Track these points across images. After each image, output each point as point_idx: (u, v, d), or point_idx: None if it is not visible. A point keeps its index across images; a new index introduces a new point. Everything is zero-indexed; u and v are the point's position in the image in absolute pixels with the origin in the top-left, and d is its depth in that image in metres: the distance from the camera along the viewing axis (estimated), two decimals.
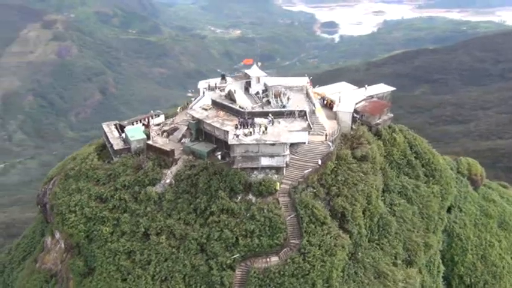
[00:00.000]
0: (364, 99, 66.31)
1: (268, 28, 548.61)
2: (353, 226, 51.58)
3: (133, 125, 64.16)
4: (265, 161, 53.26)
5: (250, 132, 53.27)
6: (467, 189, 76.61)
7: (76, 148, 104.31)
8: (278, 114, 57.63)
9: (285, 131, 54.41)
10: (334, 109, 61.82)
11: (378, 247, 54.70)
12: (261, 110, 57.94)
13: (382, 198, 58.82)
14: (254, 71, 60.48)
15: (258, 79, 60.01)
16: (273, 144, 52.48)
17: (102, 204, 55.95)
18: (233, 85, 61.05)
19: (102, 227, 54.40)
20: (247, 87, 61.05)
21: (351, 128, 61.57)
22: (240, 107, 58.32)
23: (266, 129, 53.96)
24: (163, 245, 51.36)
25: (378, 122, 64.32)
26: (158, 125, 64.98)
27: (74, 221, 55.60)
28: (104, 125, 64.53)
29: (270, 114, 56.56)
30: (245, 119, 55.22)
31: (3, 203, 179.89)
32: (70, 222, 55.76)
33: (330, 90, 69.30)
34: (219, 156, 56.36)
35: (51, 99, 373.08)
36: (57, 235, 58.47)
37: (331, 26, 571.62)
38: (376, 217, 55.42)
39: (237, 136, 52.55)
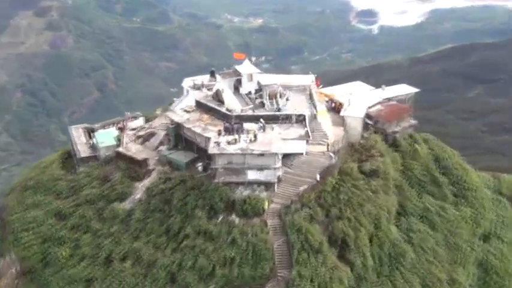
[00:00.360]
0: (379, 103, 64.35)
1: (295, 17, 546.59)
2: (356, 256, 49.64)
3: (104, 128, 63.50)
4: (252, 175, 51.92)
5: (235, 140, 51.94)
6: (508, 213, 73.59)
7: None
8: (272, 119, 56.40)
9: (278, 139, 53.01)
10: (342, 113, 60.04)
11: (388, 282, 52.41)
12: (251, 113, 56.48)
13: (397, 222, 56.57)
14: (245, 67, 59.29)
15: (251, 77, 58.76)
16: (261, 155, 51.14)
17: (61, 222, 55.47)
18: (221, 83, 59.78)
19: (59, 250, 53.67)
20: (237, 87, 59.73)
21: (362, 136, 59.63)
22: (227, 109, 57.12)
23: (256, 136, 52.52)
24: (128, 273, 50.31)
25: (396, 130, 62.36)
26: (134, 129, 64.14)
27: (27, 241, 55.16)
28: (72, 129, 64.19)
29: (261, 119, 55.18)
30: (231, 124, 53.94)
31: None
32: (23, 242, 55.33)
33: (340, 91, 67.67)
34: (200, 168, 55.20)
35: (43, 97, 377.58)
36: (9, 258, 57.85)
37: (369, 14, 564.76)
38: (386, 245, 53.19)
39: (218, 144, 51.23)
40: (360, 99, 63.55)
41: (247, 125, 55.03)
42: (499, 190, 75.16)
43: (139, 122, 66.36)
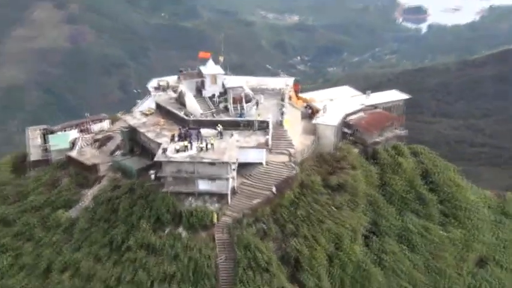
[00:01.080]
0: (362, 110, 64.60)
1: (334, 14, 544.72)
2: (309, 277, 49.97)
3: (65, 131, 65.44)
4: (203, 185, 52.86)
5: (186, 147, 52.99)
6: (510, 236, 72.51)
7: None
8: (232, 125, 57.36)
9: (234, 147, 53.83)
10: (314, 121, 60.52)
11: None
12: (210, 118, 57.59)
13: (367, 242, 56.70)
14: (209, 68, 60.32)
15: (214, 78, 59.77)
16: (212, 164, 51.96)
17: (6, 228, 57.28)
18: (182, 85, 60.97)
19: (2, 258, 55.62)
20: (200, 89, 60.83)
21: (335, 146, 60.03)
22: (185, 113, 58.29)
23: (212, 144, 53.46)
24: (65, 285, 51.76)
25: (377, 140, 62.60)
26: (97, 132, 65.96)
27: None
28: (29, 130, 66.26)
29: (219, 125, 56.19)
30: (187, 129, 55.11)
31: None
32: None
33: (322, 97, 68.04)
34: (153, 176, 56.24)
35: (61, 95, 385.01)
36: None
37: (417, 12, 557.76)
38: (350, 267, 53.35)
39: (165, 151, 52.45)
40: (338, 106, 63.94)
41: (204, 131, 56.15)
42: (502, 210, 74.04)
43: (105, 124, 68.04)
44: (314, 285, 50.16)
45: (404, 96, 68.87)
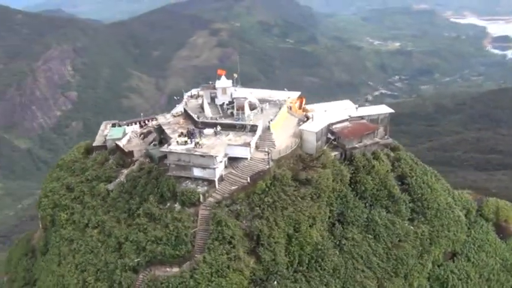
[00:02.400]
0: (348, 120, 60.54)
1: (430, 41, 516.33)
2: (265, 251, 47.87)
3: (128, 125, 67.88)
4: (197, 172, 52.46)
5: (185, 142, 52.94)
6: (486, 236, 64.61)
7: None
8: (230, 127, 56.29)
9: (221, 145, 52.90)
10: (299, 127, 57.69)
11: (303, 278, 49.78)
12: (214, 121, 57.01)
13: (329, 228, 53.26)
14: (221, 82, 59.66)
15: (224, 90, 59.01)
16: (202, 156, 51.43)
17: (68, 193, 60.81)
18: (203, 95, 60.87)
19: (61, 214, 59.20)
20: (213, 98, 60.36)
21: (317, 149, 56.80)
22: (198, 116, 58.17)
23: (197, 143, 52.68)
24: (93, 238, 54.14)
25: (356, 146, 58.30)
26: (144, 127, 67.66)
27: (45, 205, 61.56)
28: (104, 123, 69.58)
29: (217, 126, 55.53)
30: (192, 128, 55.09)
31: None
32: (42, 205, 61.86)
33: (321, 108, 64.61)
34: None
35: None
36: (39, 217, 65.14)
37: (504, 40, 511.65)
38: (308, 247, 50.42)
39: (169, 144, 52.77)
40: (324, 116, 60.41)
41: (207, 131, 55.79)
42: (480, 213, 66.16)
43: (155, 122, 69.53)
44: (269, 259, 47.97)
45: (389, 110, 63.36)
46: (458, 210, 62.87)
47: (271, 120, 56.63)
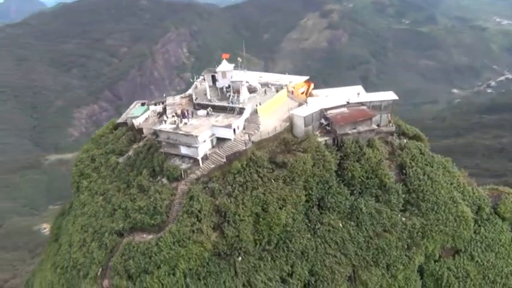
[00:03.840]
0: (346, 106, 59.62)
1: None
2: (229, 228, 50.24)
3: (155, 105, 73.26)
4: (184, 150, 56.12)
5: (175, 121, 56.70)
6: (499, 236, 59.89)
7: None
8: (221, 109, 58.83)
9: (207, 125, 55.78)
10: (290, 112, 58.27)
11: (269, 257, 51.34)
12: (207, 103, 59.89)
13: (306, 212, 53.62)
14: (221, 66, 61.78)
15: (224, 74, 61.18)
16: (186, 135, 54.87)
17: (91, 163, 68.03)
18: (206, 78, 63.70)
19: (84, 181, 66.68)
20: (215, 81, 62.81)
21: (307, 133, 57.11)
22: (196, 98, 61.47)
23: (178, 124, 56.12)
24: (98, 204, 60.59)
25: (348, 132, 57.46)
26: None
27: (74, 173, 69.61)
28: (134, 102, 75.79)
29: (209, 108, 58.38)
30: (186, 109, 58.75)
31: None
32: (72, 173, 70.01)
33: (328, 93, 64.19)
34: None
35: (315, 84, 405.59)
36: None
37: None
38: (277, 228, 51.66)
39: (161, 123, 56.97)
40: (318, 101, 60.08)
41: (201, 112, 59.01)
42: (495, 210, 61.26)
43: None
44: (233, 235, 50.24)
45: (393, 97, 60.73)
46: (465, 206, 58.79)
47: (259, 104, 57.85)
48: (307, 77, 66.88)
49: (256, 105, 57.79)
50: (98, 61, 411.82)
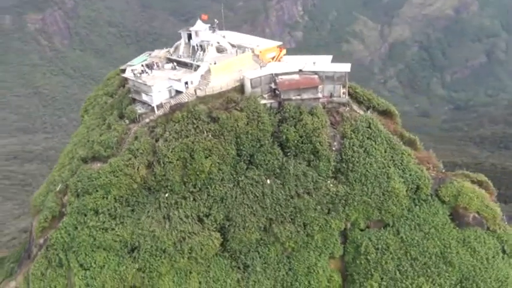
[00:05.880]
0: (298, 73, 62.62)
1: None
2: (157, 166, 57.59)
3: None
4: (144, 97, 63.81)
5: (142, 71, 64.42)
6: (433, 217, 60.03)
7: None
8: (184, 65, 65.15)
9: (163, 78, 62.69)
10: (242, 74, 62.81)
11: (191, 197, 58.12)
12: (176, 58, 66.53)
13: (232, 164, 58.91)
14: (196, 26, 67.10)
15: (197, 33, 66.61)
16: (144, 84, 62.40)
17: (94, 101, 78.66)
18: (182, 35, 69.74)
19: (85, 116, 77.76)
20: (189, 39, 68.42)
21: (254, 95, 61.50)
22: (169, 53, 68.30)
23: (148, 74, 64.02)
24: (82, 135, 71.16)
25: (291, 98, 60.90)
26: None
27: (81, 109, 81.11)
28: (145, 52, 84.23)
29: (174, 63, 65.04)
30: (153, 62, 66.58)
31: None
32: (80, 109, 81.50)
33: (292, 60, 67.17)
34: None
35: (433, 54, 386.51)
36: None
37: None
38: (202, 174, 57.91)
39: (131, 72, 65.03)
40: (273, 66, 63.60)
41: (167, 65, 66.05)
42: (437, 193, 61.38)
43: None
44: (160, 173, 57.65)
45: (345, 69, 61.89)
46: (400, 183, 59.58)
47: (214, 63, 63.04)
48: (280, 43, 69.86)
49: (210, 64, 62.95)
50: (214, 14, 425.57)
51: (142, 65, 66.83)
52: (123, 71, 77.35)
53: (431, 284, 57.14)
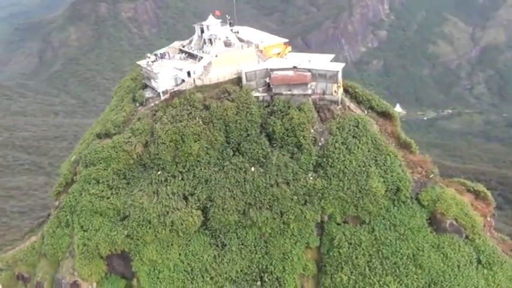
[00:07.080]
0: (292, 69, 65.53)
1: None
2: (152, 145, 63.85)
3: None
4: (153, 83, 69.97)
5: (155, 60, 70.84)
6: (409, 220, 60.74)
7: None
8: (192, 56, 70.51)
9: (170, 67, 68.53)
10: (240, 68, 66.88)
11: (180, 176, 63.50)
12: (185, 49, 72.26)
13: (219, 150, 63.39)
14: (208, 21, 71.98)
15: (208, 27, 71.56)
16: (152, 71, 68.69)
17: (124, 85, 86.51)
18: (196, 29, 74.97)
19: (114, 97, 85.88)
20: (202, 32, 73.37)
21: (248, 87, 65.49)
22: (182, 45, 74.05)
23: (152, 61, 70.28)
24: (105, 114, 78.94)
25: (282, 92, 64.32)
26: None
27: (115, 90, 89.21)
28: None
29: (184, 53, 70.72)
30: (165, 52, 72.52)
31: None
32: (115, 90, 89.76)
33: (293, 57, 70.10)
34: None
35: None
36: None
37: None
38: (191, 157, 63.12)
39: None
40: (270, 62, 66.96)
41: (178, 56, 71.89)
42: (417, 196, 61.80)
43: None
44: (154, 153, 63.63)
45: (337, 68, 63.56)
46: (379, 183, 60.72)
47: (215, 56, 67.71)
48: (286, 40, 72.85)
49: (212, 56, 67.71)
50: (298, 9, 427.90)
51: (155, 54, 73.08)
52: None
53: (398, 284, 58.12)
